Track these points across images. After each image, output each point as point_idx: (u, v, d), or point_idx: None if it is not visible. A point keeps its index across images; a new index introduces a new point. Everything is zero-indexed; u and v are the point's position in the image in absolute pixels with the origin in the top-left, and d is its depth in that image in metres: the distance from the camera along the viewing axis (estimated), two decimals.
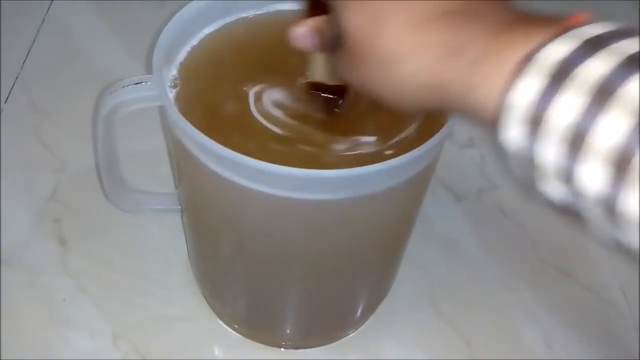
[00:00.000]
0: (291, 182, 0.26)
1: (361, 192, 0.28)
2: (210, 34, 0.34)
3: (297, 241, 0.31)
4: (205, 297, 0.40)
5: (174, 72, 0.32)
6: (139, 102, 0.29)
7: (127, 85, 0.29)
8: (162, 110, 0.30)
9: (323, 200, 0.27)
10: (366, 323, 0.41)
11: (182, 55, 0.33)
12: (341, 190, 0.27)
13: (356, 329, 0.40)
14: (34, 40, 0.57)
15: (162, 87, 0.28)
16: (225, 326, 0.40)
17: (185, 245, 0.41)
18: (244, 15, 0.35)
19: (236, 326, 0.39)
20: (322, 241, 0.31)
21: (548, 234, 0.47)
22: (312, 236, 0.31)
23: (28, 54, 0.55)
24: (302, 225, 0.30)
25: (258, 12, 0.36)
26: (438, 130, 0.27)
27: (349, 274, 0.35)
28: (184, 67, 0.32)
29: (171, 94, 0.31)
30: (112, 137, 0.31)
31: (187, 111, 0.28)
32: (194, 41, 0.34)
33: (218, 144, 0.25)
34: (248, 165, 0.25)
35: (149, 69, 0.29)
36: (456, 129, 0.53)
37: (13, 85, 0.53)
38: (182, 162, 0.31)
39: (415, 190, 0.32)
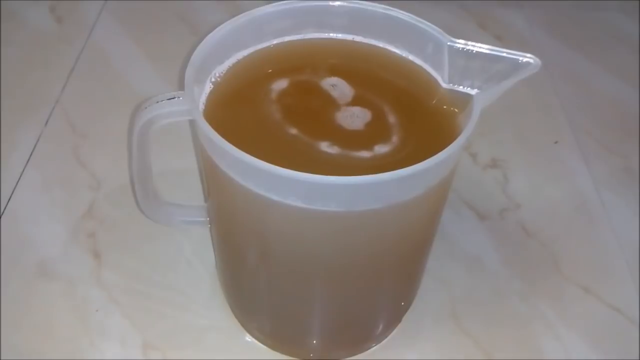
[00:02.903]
0: (315, 190, 0.28)
1: (378, 203, 0.29)
2: (244, 56, 0.36)
3: (322, 253, 0.32)
4: (231, 308, 0.41)
5: (207, 89, 0.34)
6: (171, 116, 0.31)
7: (161, 100, 0.31)
8: (193, 125, 0.32)
9: (349, 212, 0.29)
10: (389, 336, 0.42)
11: (215, 74, 0.35)
12: (367, 200, 0.28)
13: (379, 342, 0.41)
14: (74, 66, 0.60)
15: (193, 102, 0.30)
16: (251, 338, 0.41)
17: (214, 257, 0.42)
18: (277, 41, 0.37)
19: (262, 337, 0.40)
20: (346, 253, 0.32)
21: (570, 252, 0.47)
22: (336, 248, 0.32)
23: (67, 80, 0.58)
24: (326, 237, 0.31)
25: (292, 38, 0.38)
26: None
27: (371, 286, 0.36)
28: (216, 85, 0.34)
29: (202, 109, 0.33)
30: (145, 150, 0.33)
31: (217, 125, 0.29)
32: (228, 61, 0.36)
33: (238, 149, 0.27)
34: (269, 171, 0.27)
35: (182, 88, 0.31)
36: (479, 150, 0.54)
37: (53, 108, 0.55)
38: (210, 174, 0.32)
39: (436, 198, 0.33)
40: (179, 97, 0.31)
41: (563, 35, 0.68)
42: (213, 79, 0.35)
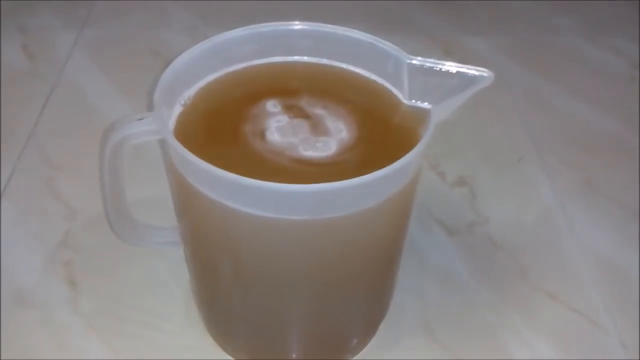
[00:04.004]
0: (281, 198, 0.29)
1: (345, 210, 0.30)
2: (213, 79, 0.38)
3: (292, 264, 0.33)
4: (207, 328, 0.42)
5: (176, 111, 0.35)
6: (141, 135, 0.32)
7: (131, 121, 0.32)
8: (162, 145, 0.33)
9: (315, 220, 0.30)
10: (364, 349, 0.42)
11: (185, 97, 0.36)
12: (332, 208, 0.30)
13: (354, 354, 0.42)
14: (46, 102, 0.61)
15: (162, 121, 0.31)
16: (228, 356, 0.41)
17: (189, 278, 0.43)
18: (244, 65, 0.39)
19: (238, 355, 0.41)
20: (315, 262, 0.33)
21: (536, 261, 0.48)
22: (306, 258, 0.33)
23: (41, 114, 0.59)
24: (295, 247, 0.32)
25: (259, 62, 0.39)
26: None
27: (343, 296, 0.37)
28: (186, 108, 0.36)
29: (172, 128, 0.34)
30: (117, 171, 0.34)
31: (186, 143, 0.30)
32: (197, 84, 0.37)
33: (209, 163, 0.28)
34: (236, 182, 0.28)
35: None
36: (446, 169, 0.56)
37: (27, 142, 0.56)
38: (180, 191, 0.33)
39: (399, 206, 0.34)
40: (148, 118, 0.32)
41: (524, 59, 0.71)
42: (182, 102, 0.36)
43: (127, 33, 0.71)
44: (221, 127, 0.35)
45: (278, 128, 0.35)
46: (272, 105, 0.36)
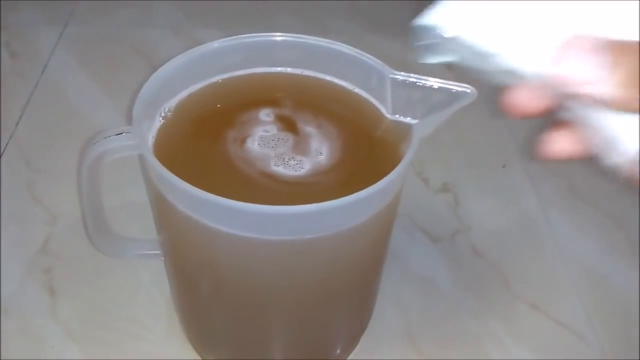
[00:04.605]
0: (264, 220, 0.29)
1: (326, 230, 0.30)
2: (194, 91, 0.37)
3: (274, 282, 0.33)
4: (188, 338, 0.42)
5: (156, 124, 0.35)
6: (119, 151, 0.31)
7: (109, 136, 0.31)
8: (141, 159, 0.32)
9: (292, 240, 0.30)
10: (347, 359, 0.42)
11: (165, 109, 0.36)
12: (315, 228, 0.29)
13: None
14: (28, 101, 0.60)
15: (141, 137, 0.31)
16: None
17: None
18: (226, 75, 0.38)
19: None
20: (298, 280, 0.33)
21: (519, 270, 0.49)
22: (288, 276, 0.33)
23: (22, 114, 0.58)
24: (277, 266, 0.32)
25: (238, 73, 0.38)
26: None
27: (325, 311, 0.37)
28: (166, 120, 0.35)
29: (151, 143, 0.33)
30: (96, 186, 0.34)
31: (165, 160, 0.30)
32: (179, 96, 0.37)
33: (187, 183, 0.28)
34: (215, 202, 0.27)
35: (131, 122, 0.32)
36: (430, 176, 0.56)
37: (7, 144, 0.55)
38: (160, 208, 0.33)
39: (382, 224, 0.34)
40: (127, 132, 0.31)
41: None
42: (163, 114, 0.35)
43: (110, 31, 0.70)
44: (202, 143, 0.34)
45: (260, 144, 0.35)
46: (254, 119, 0.36)
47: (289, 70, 0.39)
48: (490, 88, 0.24)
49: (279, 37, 0.38)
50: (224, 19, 0.73)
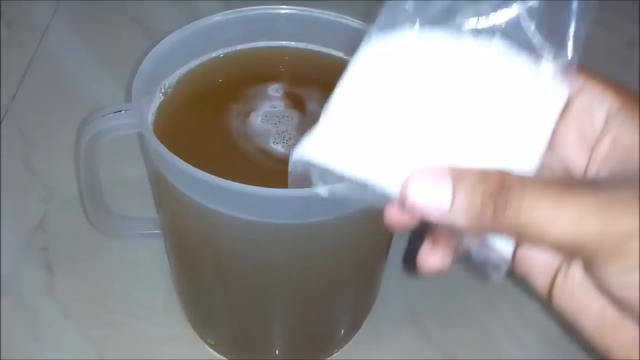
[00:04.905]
0: (268, 204, 0.28)
1: (330, 214, 0.29)
2: (195, 65, 0.36)
3: (276, 265, 0.32)
4: (188, 319, 0.41)
5: (156, 101, 0.34)
6: (118, 129, 0.30)
7: (107, 114, 0.30)
8: (141, 138, 0.31)
9: (295, 223, 0.29)
10: (350, 341, 0.42)
11: (165, 84, 0.34)
12: (319, 212, 0.28)
13: (341, 347, 0.41)
14: (24, 73, 0.58)
15: (141, 115, 0.29)
16: (209, 348, 0.40)
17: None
18: (227, 50, 0.37)
19: (220, 348, 0.40)
20: (298, 263, 0.32)
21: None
22: (291, 259, 0.32)
23: (19, 86, 0.57)
24: (280, 249, 0.31)
25: (240, 47, 0.37)
26: None
27: (328, 295, 0.36)
28: (166, 97, 0.34)
29: (151, 121, 0.32)
30: (94, 164, 0.33)
31: (165, 138, 0.29)
32: (179, 71, 0.35)
33: (187, 163, 0.26)
34: (217, 184, 0.26)
35: (130, 98, 0.30)
36: None
37: (3, 116, 0.54)
38: (160, 188, 0.32)
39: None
40: (125, 110, 0.30)
41: None
42: (163, 90, 0.34)
43: (108, 1, 0.68)
44: (203, 120, 0.33)
45: (264, 121, 0.33)
46: (256, 95, 0.35)
47: (292, 44, 0.38)
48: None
49: (283, 9, 0.36)
50: None
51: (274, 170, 0.31)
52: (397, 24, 0.23)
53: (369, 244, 0.34)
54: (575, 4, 0.22)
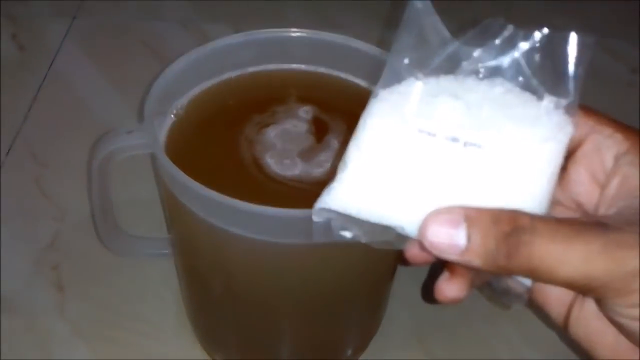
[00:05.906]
0: (281, 224, 0.28)
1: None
2: (206, 87, 0.36)
3: (287, 286, 0.33)
4: (198, 338, 0.41)
5: (168, 122, 0.34)
6: (130, 149, 0.31)
7: (120, 134, 0.31)
8: (153, 158, 0.32)
9: (306, 244, 0.29)
10: None
11: (177, 106, 0.35)
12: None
13: None
14: (36, 95, 0.59)
15: (153, 135, 0.30)
16: None
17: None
18: (238, 72, 0.37)
19: None
20: (307, 283, 0.33)
21: None
22: (302, 280, 0.32)
23: (30, 107, 0.58)
24: (291, 270, 0.32)
25: (251, 70, 0.38)
26: None
27: (336, 315, 0.36)
28: (178, 118, 0.34)
29: (163, 141, 0.33)
30: (106, 184, 0.33)
31: (177, 158, 0.29)
32: (191, 92, 0.36)
33: (198, 183, 0.27)
34: (229, 205, 0.27)
35: (142, 120, 0.31)
36: None
37: (15, 138, 0.55)
38: (171, 208, 0.32)
39: None
40: (138, 131, 0.31)
41: None
42: (175, 111, 0.35)
43: (119, 24, 0.69)
44: (215, 141, 0.34)
45: (276, 142, 0.34)
46: (268, 117, 0.35)
47: (303, 67, 0.38)
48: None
49: (293, 32, 0.37)
50: (233, 13, 0.72)
51: (284, 192, 0.31)
52: (402, 76, 0.24)
53: (377, 266, 0.34)
54: (573, 47, 0.23)
